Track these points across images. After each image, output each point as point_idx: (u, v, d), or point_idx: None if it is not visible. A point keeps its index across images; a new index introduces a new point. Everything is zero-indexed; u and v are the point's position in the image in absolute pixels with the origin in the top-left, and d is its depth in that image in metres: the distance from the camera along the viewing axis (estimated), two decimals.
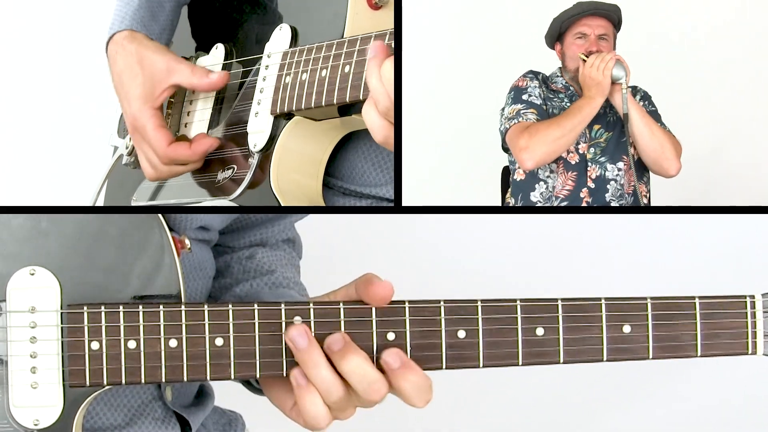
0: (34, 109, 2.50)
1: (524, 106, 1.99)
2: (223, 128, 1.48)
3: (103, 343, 1.17)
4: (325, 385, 1.16)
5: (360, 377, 1.16)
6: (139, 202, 1.57)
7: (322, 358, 1.16)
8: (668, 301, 1.24)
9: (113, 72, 1.49)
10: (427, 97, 2.10)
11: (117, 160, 1.59)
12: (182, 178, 1.51)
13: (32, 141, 2.50)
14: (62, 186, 2.38)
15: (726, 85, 2.35)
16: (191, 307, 1.18)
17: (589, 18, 2.02)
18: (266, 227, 1.49)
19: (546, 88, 2.03)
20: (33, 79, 2.49)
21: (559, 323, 1.21)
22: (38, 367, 1.17)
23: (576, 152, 1.99)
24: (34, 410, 1.17)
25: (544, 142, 1.92)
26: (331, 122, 1.40)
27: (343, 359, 1.16)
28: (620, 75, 1.93)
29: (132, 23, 1.49)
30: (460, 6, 2.19)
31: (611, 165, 1.99)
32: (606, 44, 2.01)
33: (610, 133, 2.01)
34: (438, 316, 1.20)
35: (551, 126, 1.94)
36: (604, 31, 2.02)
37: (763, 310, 1.25)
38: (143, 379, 1.17)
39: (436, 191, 2.06)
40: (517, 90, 2.03)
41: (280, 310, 1.19)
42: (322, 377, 1.16)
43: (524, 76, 2.05)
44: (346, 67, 1.31)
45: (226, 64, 1.51)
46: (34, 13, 2.49)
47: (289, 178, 1.40)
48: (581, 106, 1.95)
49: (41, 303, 1.17)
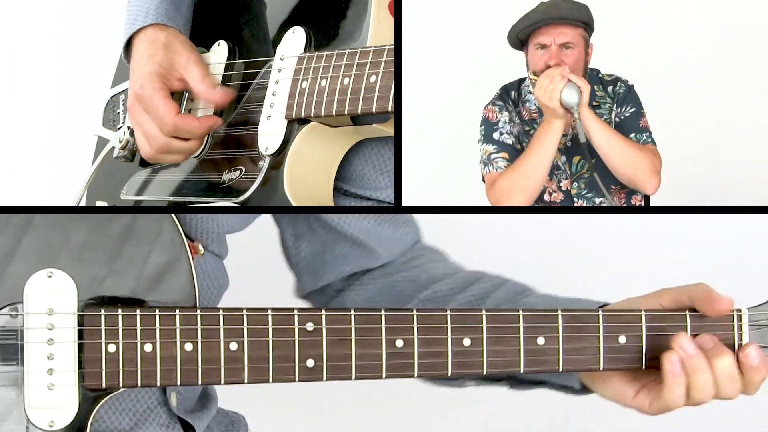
0: (13, 101, 2.43)
1: (495, 149, 1.76)
2: (226, 128, 1.45)
3: (119, 346, 1.15)
4: (706, 387, 1.22)
5: (730, 375, 1.22)
6: (129, 196, 1.53)
7: (707, 364, 1.21)
8: (661, 313, 1.25)
9: (133, 59, 1.44)
10: (427, 98, 2.07)
11: (108, 153, 1.54)
12: (181, 175, 1.48)
13: (12, 132, 2.44)
14: (44, 177, 2.32)
15: (725, 85, 2.34)
16: (207, 311, 1.17)
17: (548, 27, 1.72)
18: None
19: (518, 117, 1.79)
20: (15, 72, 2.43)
21: (559, 333, 1.22)
22: (55, 369, 1.14)
23: (559, 191, 1.78)
24: (49, 411, 1.14)
25: (512, 195, 1.70)
26: (343, 129, 1.37)
27: (717, 357, 1.22)
28: (572, 100, 1.65)
29: (157, 17, 1.44)
30: (461, 7, 2.15)
31: (598, 199, 1.79)
32: (571, 53, 1.73)
33: (593, 159, 1.75)
34: (444, 324, 1.20)
35: (512, 176, 1.71)
36: (568, 39, 1.73)
37: (749, 323, 1.25)
38: (158, 382, 1.15)
39: (436, 192, 2.03)
40: (487, 124, 1.79)
41: (293, 316, 1.17)
42: (705, 380, 1.21)
43: (493, 104, 1.80)
44: (372, 77, 1.27)
45: (230, 63, 1.47)
46: (15, 7, 2.42)
47: (302, 182, 1.37)
48: (539, 137, 1.70)
49: (59, 305, 1.15)
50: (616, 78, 1.80)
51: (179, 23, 1.46)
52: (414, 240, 1.49)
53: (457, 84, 2.07)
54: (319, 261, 1.43)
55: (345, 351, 1.18)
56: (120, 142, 1.51)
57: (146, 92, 1.39)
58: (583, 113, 1.68)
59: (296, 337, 1.17)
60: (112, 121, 1.57)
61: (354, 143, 1.40)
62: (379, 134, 1.38)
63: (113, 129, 1.55)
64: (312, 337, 1.18)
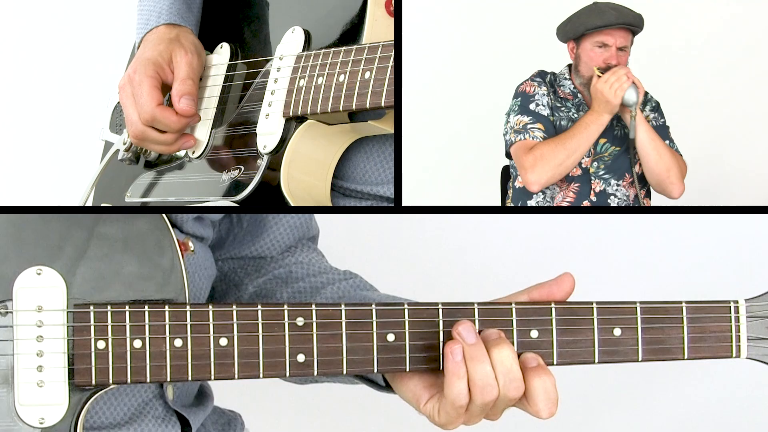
0: (22, 105, 2.43)
1: (531, 119, 1.84)
2: (226, 128, 1.43)
3: (109, 343, 1.13)
4: (486, 379, 1.13)
5: (507, 369, 1.13)
6: (134, 198, 1.51)
7: (486, 355, 1.13)
8: (657, 305, 1.21)
9: (139, 50, 1.43)
10: (427, 97, 2.05)
11: (113, 155, 1.52)
12: (185, 176, 1.45)
13: (21, 136, 2.44)
14: (53, 181, 2.33)
15: (725, 85, 2.30)
16: (196, 307, 1.14)
17: (615, 29, 1.84)
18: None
19: (554, 95, 1.88)
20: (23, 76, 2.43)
21: (553, 326, 1.19)
22: (44, 366, 1.12)
23: (578, 166, 1.86)
24: (39, 408, 1.12)
25: (550, 167, 1.79)
26: (341, 127, 1.35)
27: (496, 347, 1.13)
28: (632, 100, 1.78)
29: (170, 17, 1.43)
30: (461, 4, 2.13)
31: (614, 180, 1.86)
32: (624, 56, 1.85)
33: (616, 147, 1.86)
34: (436, 318, 1.17)
35: (557, 148, 1.80)
36: (625, 43, 1.85)
37: (747, 315, 1.22)
38: (148, 378, 1.13)
39: (436, 191, 2.01)
40: (524, 97, 1.87)
41: (283, 311, 1.15)
42: (485, 372, 1.13)
43: (532, 80, 1.89)
44: (366, 74, 1.26)
45: (232, 64, 1.46)
46: (21, 9, 2.42)
47: (299, 180, 1.35)
48: (588, 123, 1.80)
49: (48, 302, 1.13)
50: (645, 94, 1.89)
51: (191, 22, 1.46)
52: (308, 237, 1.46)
53: (457, 84, 2.06)
54: (219, 243, 1.41)
55: (336, 345, 1.16)
56: (124, 144, 1.49)
57: (137, 77, 1.38)
58: (638, 115, 1.80)
59: (286, 332, 1.14)
60: (119, 126, 1.55)
61: (351, 142, 1.39)
62: (376, 132, 1.36)
63: (120, 133, 1.53)
64: (302, 332, 1.15)
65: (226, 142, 1.42)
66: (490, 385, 1.13)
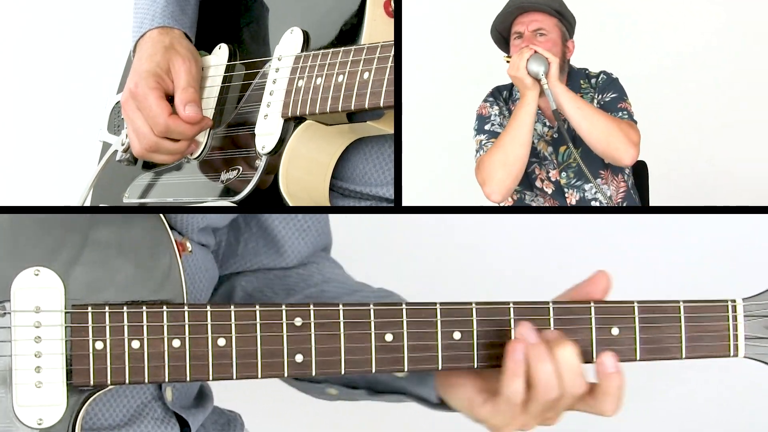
0: (20, 106, 2.42)
1: (486, 137, 1.78)
2: (225, 129, 1.41)
3: (107, 343, 1.11)
4: (548, 377, 1.12)
5: (572, 366, 1.13)
6: (131, 199, 1.50)
7: (547, 354, 1.12)
8: (654, 304, 1.20)
9: (135, 59, 1.41)
10: (427, 97, 2.04)
11: (111, 156, 1.51)
12: (183, 177, 1.44)
13: (18, 137, 2.43)
14: (51, 182, 2.31)
15: (724, 85, 2.28)
16: (194, 307, 1.13)
17: (521, 16, 1.75)
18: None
19: (507, 111, 1.81)
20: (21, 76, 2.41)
21: (550, 325, 1.17)
22: (43, 367, 1.11)
23: (548, 180, 1.78)
24: (38, 409, 1.11)
25: (494, 170, 1.71)
26: (340, 127, 1.34)
27: (560, 346, 1.13)
28: (538, 69, 1.67)
29: (163, 20, 1.41)
30: (461, 6, 2.12)
31: (589, 185, 1.77)
32: (545, 40, 1.74)
33: (578, 149, 1.75)
34: (434, 318, 1.16)
35: (492, 150, 1.73)
36: (540, 25, 1.74)
37: (744, 314, 1.20)
38: (146, 378, 1.11)
39: (436, 191, 2.00)
40: (480, 119, 1.82)
41: (281, 311, 1.13)
42: (547, 370, 1.12)
43: (485, 100, 1.83)
44: (365, 74, 1.24)
45: (230, 65, 1.44)
46: (20, 10, 2.40)
47: (297, 181, 1.34)
48: (515, 112, 1.71)
49: (46, 303, 1.11)
50: (602, 71, 1.80)
51: (185, 25, 1.44)
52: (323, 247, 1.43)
53: (457, 84, 2.05)
54: (230, 250, 1.39)
55: (334, 345, 1.14)
56: (122, 145, 1.48)
57: (141, 90, 1.36)
58: (551, 82, 1.68)
59: (284, 333, 1.13)
60: (117, 127, 1.54)
61: (350, 142, 1.37)
62: (374, 132, 1.35)
63: (118, 134, 1.52)
64: (300, 332, 1.14)
65: (225, 142, 1.41)
66: (552, 384, 1.13)
